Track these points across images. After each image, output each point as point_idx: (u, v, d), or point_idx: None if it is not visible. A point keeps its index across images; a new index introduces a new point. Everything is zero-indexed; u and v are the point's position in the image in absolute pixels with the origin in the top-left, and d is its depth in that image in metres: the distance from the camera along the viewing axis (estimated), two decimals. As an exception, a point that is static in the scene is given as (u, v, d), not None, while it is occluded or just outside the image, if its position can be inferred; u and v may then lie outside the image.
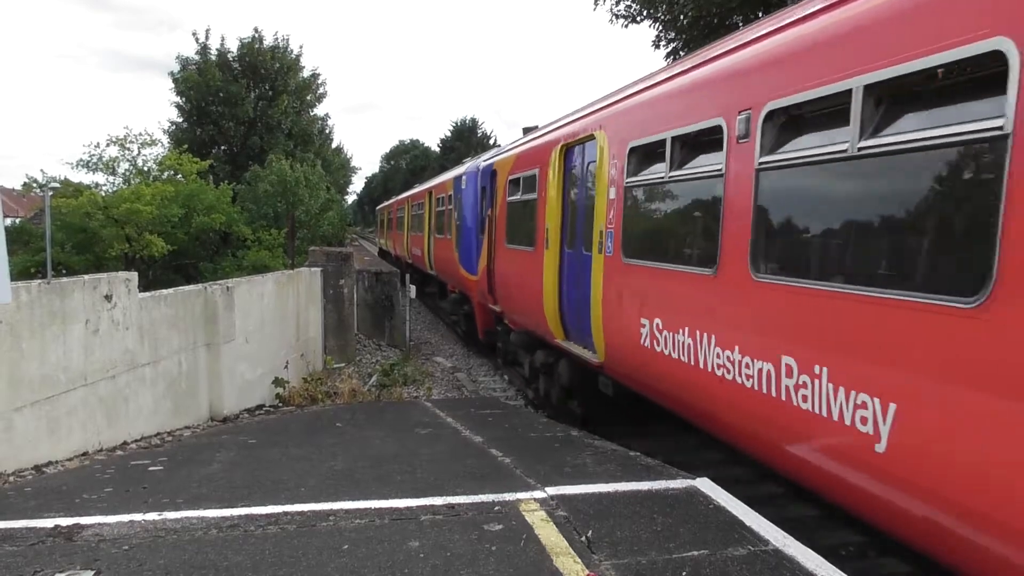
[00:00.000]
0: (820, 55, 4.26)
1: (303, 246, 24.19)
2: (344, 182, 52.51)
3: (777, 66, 4.70)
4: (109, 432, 7.46)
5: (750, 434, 4.99)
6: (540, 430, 8.04)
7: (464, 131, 77.21)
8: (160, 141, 27.64)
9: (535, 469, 5.72)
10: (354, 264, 15.68)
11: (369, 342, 17.45)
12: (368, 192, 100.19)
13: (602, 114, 7.81)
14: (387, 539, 4.17)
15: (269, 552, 4.00)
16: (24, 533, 4.33)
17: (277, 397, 10.89)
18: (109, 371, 7.45)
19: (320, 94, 40.43)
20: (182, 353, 8.92)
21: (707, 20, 18.25)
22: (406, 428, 8.05)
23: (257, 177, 28.88)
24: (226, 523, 4.45)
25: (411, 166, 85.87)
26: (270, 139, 35.51)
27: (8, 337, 6.11)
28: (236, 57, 36.18)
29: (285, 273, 13.28)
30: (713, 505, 4.69)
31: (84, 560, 3.92)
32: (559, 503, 4.75)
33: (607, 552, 3.95)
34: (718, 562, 3.82)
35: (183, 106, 35.89)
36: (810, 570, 3.72)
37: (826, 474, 4.12)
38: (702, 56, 5.96)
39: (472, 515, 4.56)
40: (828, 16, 4.28)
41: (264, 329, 11.12)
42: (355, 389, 11.44)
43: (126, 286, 7.78)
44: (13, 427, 6.18)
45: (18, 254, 21.88)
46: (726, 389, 4.98)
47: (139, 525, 4.44)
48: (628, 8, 20.45)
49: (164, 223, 22.42)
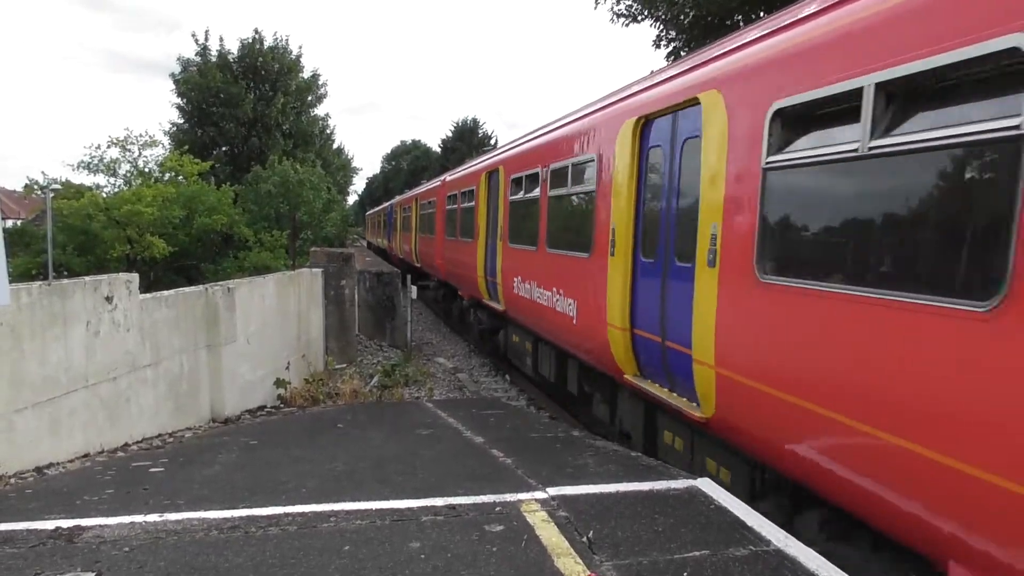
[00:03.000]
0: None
1: (305, 247, 24.23)
2: (345, 182, 52.58)
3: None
4: (110, 433, 7.47)
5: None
6: (541, 430, 8.04)
7: (465, 131, 77.16)
8: (161, 142, 27.70)
9: (536, 470, 5.71)
10: (355, 265, 15.67)
11: (370, 343, 17.44)
12: (369, 193, 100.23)
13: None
14: (388, 540, 4.16)
15: (270, 553, 3.99)
16: (25, 535, 4.33)
17: (278, 398, 10.89)
18: (110, 372, 7.45)
19: (320, 94, 40.49)
20: (183, 354, 8.92)
21: (708, 20, 18.25)
22: (407, 429, 8.05)
23: (258, 178, 28.90)
24: (227, 524, 4.45)
25: (412, 167, 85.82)
26: (268, 139, 35.54)
27: (9, 338, 6.12)
28: (236, 58, 36.24)
29: (286, 274, 13.28)
30: (714, 505, 4.68)
31: (85, 562, 3.91)
32: (560, 504, 4.74)
33: (608, 553, 3.94)
34: (719, 563, 3.81)
35: (184, 107, 35.96)
36: (811, 570, 3.71)
37: (558, 336, 8.91)
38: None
39: (473, 516, 4.55)
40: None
41: (265, 330, 11.12)
42: (356, 390, 11.43)
43: (127, 287, 7.79)
44: (14, 428, 6.19)
45: (19, 256, 21.93)
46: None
47: (140, 527, 4.43)
48: (629, 8, 20.45)
49: (165, 224, 22.47)
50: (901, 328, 3.59)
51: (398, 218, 32.54)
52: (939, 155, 3.47)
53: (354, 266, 15.39)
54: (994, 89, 3.20)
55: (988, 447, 3.09)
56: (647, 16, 20.30)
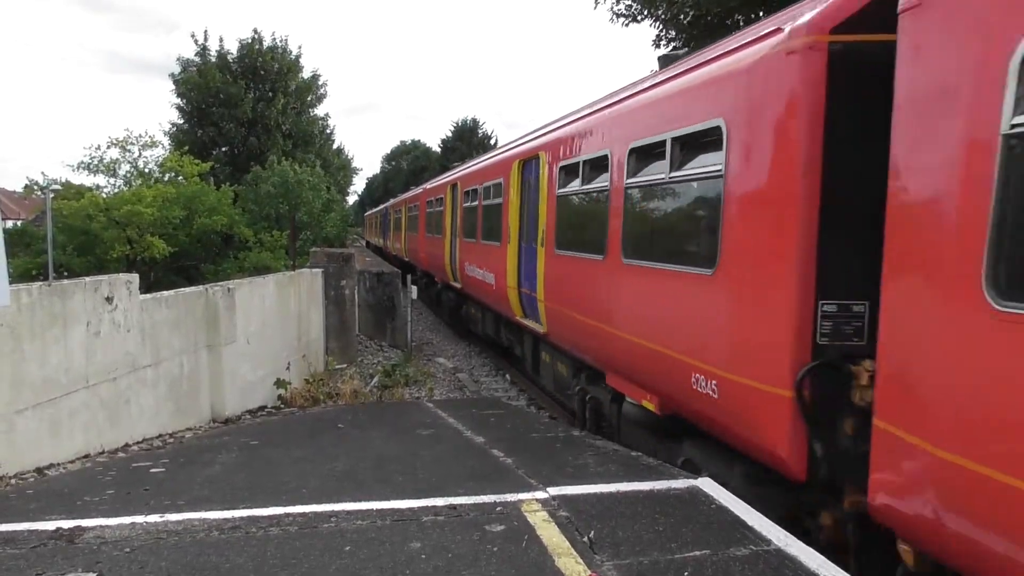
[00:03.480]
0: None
1: (305, 247, 24.22)
2: (345, 182, 52.68)
3: None
4: (111, 434, 7.47)
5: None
6: (542, 431, 8.04)
7: (465, 131, 77.19)
8: (161, 143, 27.74)
9: (537, 469, 5.71)
10: (355, 265, 15.67)
11: (371, 343, 17.44)
12: (369, 193, 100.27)
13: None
14: (389, 540, 4.16)
15: (271, 554, 3.99)
16: (25, 536, 4.33)
17: (279, 398, 10.90)
18: (110, 373, 7.45)
19: (321, 95, 40.52)
20: (184, 355, 8.92)
21: (708, 19, 18.25)
22: (408, 429, 8.05)
23: (258, 178, 28.91)
24: (228, 525, 4.45)
25: (412, 166, 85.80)
26: (268, 140, 35.57)
27: (9, 339, 6.11)
28: (236, 58, 36.26)
29: (286, 274, 13.29)
30: (715, 505, 4.68)
31: (86, 563, 3.91)
32: (561, 503, 4.74)
33: (609, 552, 3.94)
34: (720, 562, 3.81)
35: (183, 107, 36.00)
36: (812, 570, 3.71)
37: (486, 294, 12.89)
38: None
39: (474, 516, 4.55)
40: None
41: (266, 330, 11.12)
42: (357, 390, 11.44)
43: (127, 288, 7.79)
44: (15, 429, 6.19)
45: (20, 256, 21.96)
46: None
47: (140, 527, 4.44)
48: (628, 7, 20.44)
49: (165, 225, 22.49)
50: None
51: (391, 219, 36.43)
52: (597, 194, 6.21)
53: (354, 266, 15.40)
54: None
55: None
56: (647, 16, 20.29)
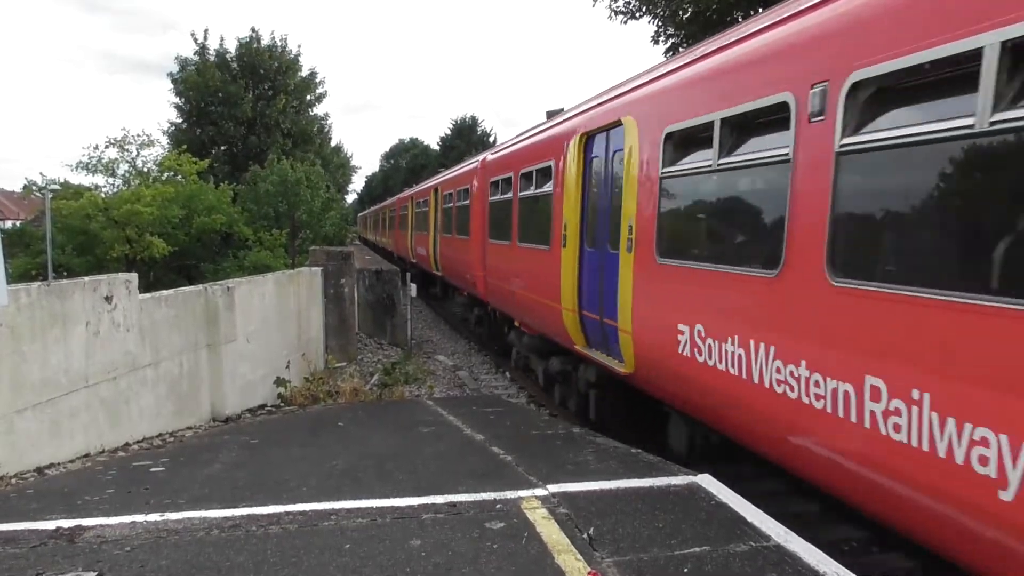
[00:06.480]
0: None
1: (304, 246, 24.20)
2: (344, 181, 52.64)
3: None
4: (111, 434, 7.47)
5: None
6: (542, 428, 8.04)
7: (464, 129, 77.13)
8: (159, 142, 27.66)
9: (537, 467, 5.71)
10: (355, 263, 15.66)
11: (370, 341, 17.43)
12: (368, 191, 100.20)
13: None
14: (389, 538, 4.17)
15: (271, 552, 4.00)
16: (26, 535, 4.33)
17: (279, 397, 10.89)
18: (110, 373, 7.45)
19: (320, 94, 40.45)
20: (183, 354, 8.92)
21: (706, 15, 18.23)
22: (408, 427, 8.05)
23: (258, 177, 28.87)
24: (228, 523, 4.45)
25: (411, 165, 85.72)
26: (267, 139, 35.53)
27: (9, 340, 6.11)
28: (235, 57, 36.20)
29: (286, 273, 13.27)
30: (715, 502, 4.68)
31: (86, 562, 3.92)
32: (561, 501, 4.75)
33: (609, 549, 3.95)
34: (720, 558, 3.82)
35: (182, 107, 35.95)
36: (812, 566, 3.71)
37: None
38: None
39: (474, 513, 4.56)
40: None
41: (265, 329, 11.12)
42: (357, 388, 11.42)
43: (127, 287, 7.78)
44: (15, 429, 6.19)
45: (19, 256, 21.94)
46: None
47: (141, 526, 4.44)
48: (627, 4, 20.43)
49: (165, 224, 22.44)
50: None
51: (387, 217, 39.00)
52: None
53: (353, 264, 15.38)
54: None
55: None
56: (645, 13, 20.29)
